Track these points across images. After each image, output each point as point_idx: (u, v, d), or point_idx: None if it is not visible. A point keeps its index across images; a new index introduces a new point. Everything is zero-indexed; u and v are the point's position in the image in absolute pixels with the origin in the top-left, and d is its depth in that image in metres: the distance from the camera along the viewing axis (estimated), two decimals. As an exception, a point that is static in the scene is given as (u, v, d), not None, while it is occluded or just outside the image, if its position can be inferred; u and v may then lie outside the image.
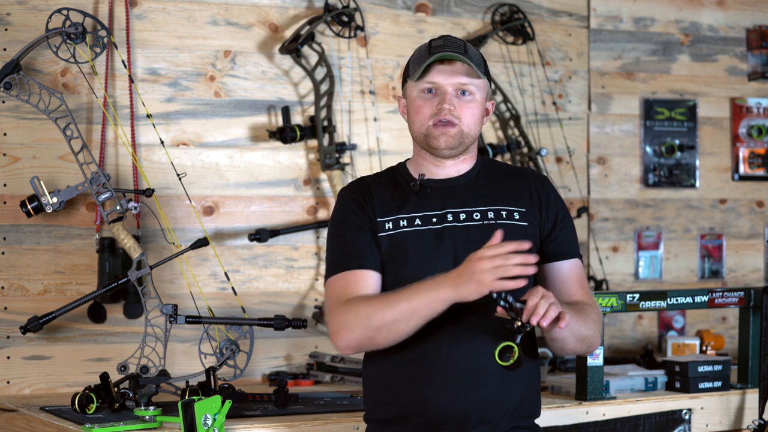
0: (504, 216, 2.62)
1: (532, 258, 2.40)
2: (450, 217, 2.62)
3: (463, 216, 2.62)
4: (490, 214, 2.62)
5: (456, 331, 2.54)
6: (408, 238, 2.60)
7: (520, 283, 2.39)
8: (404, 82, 2.70)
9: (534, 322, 2.37)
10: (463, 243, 2.57)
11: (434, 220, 2.61)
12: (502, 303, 2.38)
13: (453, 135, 2.62)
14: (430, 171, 2.68)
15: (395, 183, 2.70)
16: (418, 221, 2.62)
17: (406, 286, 2.49)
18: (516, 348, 2.39)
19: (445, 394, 2.54)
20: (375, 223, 2.62)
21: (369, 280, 2.58)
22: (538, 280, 2.62)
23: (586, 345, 2.60)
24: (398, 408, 2.59)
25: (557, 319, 2.40)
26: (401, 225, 2.62)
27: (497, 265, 2.38)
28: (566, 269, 2.65)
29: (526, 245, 2.41)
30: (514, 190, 2.67)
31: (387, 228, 2.62)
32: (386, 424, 2.62)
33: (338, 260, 2.61)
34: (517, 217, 2.63)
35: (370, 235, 2.61)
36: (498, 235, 2.42)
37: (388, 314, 2.47)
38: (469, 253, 2.52)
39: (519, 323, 2.39)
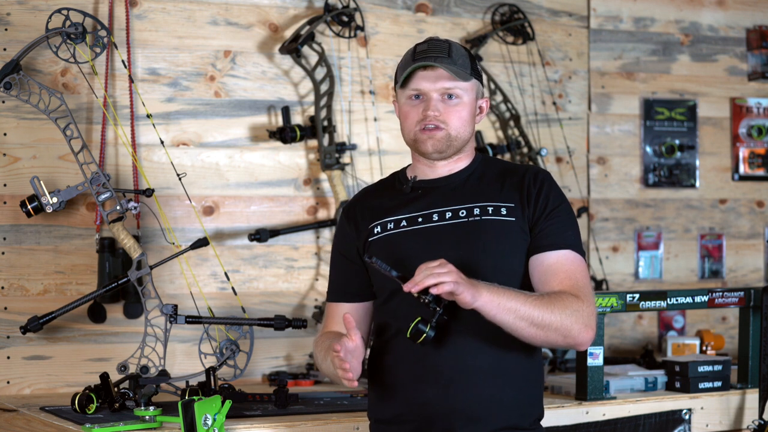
0: (490, 212, 2.60)
1: (347, 366, 2.45)
2: (435, 217, 2.61)
3: (448, 214, 2.61)
4: (476, 211, 2.60)
5: (446, 331, 2.53)
6: (394, 240, 2.61)
7: (351, 379, 2.46)
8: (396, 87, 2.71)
9: (406, 289, 2.39)
10: (447, 241, 2.57)
11: (420, 220, 2.62)
12: (374, 264, 2.45)
13: (440, 138, 2.61)
14: (424, 172, 2.69)
15: (392, 187, 2.73)
16: (404, 222, 2.62)
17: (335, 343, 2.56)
18: (414, 324, 2.42)
19: (435, 393, 2.54)
20: (362, 237, 2.65)
21: (340, 314, 2.66)
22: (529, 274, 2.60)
23: (557, 334, 2.47)
24: (393, 407, 2.61)
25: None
26: (389, 228, 2.63)
27: (339, 376, 2.48)
28: (550, 260, 2.56)
29: (351, 342, 2.46)
30: (507, 186, 2.64)
31: (376, 232, 2.64)
32: (384, 423, 2.64)
33: (328, 288, 2.78)
34: (505, 212, 2.59)
35: (349, 263, 2.70)
36: (347, 320, 2.47)
37: (324, 369, 2.64)
38: (452, 251, 2.52)
39: (416, 295, 2.41)
